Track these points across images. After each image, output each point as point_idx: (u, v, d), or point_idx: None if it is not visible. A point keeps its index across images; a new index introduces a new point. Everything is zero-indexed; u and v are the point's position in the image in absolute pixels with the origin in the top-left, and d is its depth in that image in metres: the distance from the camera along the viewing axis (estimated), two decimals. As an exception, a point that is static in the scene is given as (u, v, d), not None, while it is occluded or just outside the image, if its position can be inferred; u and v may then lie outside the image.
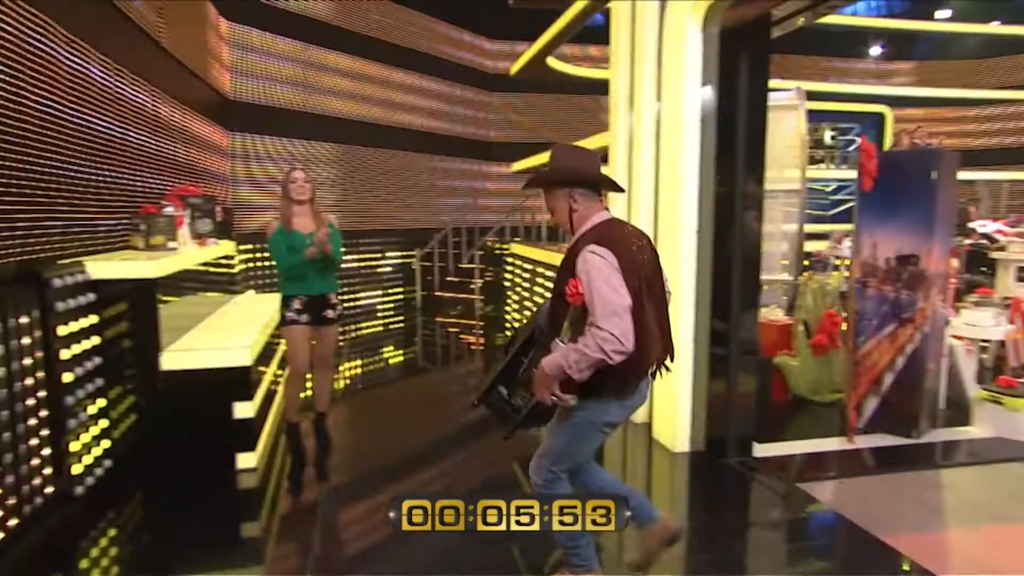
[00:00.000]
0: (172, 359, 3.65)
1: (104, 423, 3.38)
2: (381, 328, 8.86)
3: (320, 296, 4.08)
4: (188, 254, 4.22)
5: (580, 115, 12.46)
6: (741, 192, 3.75)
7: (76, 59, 3.68)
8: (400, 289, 10.33)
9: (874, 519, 3.07)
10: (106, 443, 3.39)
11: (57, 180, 3.41)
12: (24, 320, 2.70)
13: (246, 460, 3.74)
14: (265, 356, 4.55)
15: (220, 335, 4.18)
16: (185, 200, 4.73)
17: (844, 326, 4.80)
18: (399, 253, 10.34)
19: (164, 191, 5.04)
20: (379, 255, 10.02)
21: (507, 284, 8.77)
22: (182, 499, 3.40)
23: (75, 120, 3.64)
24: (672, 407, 4.01)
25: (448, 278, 10.34)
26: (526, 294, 7.73)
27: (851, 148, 9.97)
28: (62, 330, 2.98)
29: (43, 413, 2.85)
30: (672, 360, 2.35)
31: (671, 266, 4.00)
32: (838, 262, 7.41)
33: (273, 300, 5.16)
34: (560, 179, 2.27)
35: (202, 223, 4.80)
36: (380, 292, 9.99)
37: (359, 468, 4.07)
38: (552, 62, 8.82)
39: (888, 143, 10.54)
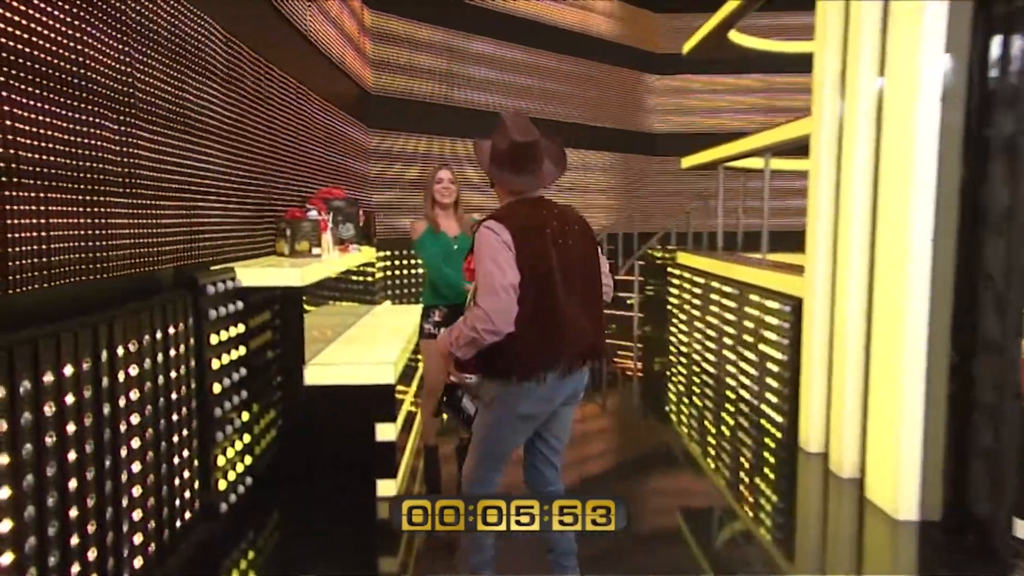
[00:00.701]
0: (315, 373, 3.93)
1: (247, 438, 3.70)
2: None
3: (463, 306, 4.18)
4: (331, 261, 4.53)
5: (776, 97, 11.94)
6: (1001, 190, 3.35)
7: (232, 59, 4.10)
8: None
9: None
10: (248, 459, 3.71)
11: (208, 181, 3.80)
12: (180, 327, 3.02)
13: (386, 487, 3.91)
14: (406, 375, 4.77)
15: (362, 349, 4.43)
16: (328, 203, 5.09)
17: None
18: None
19: (306, 193, 5.47)
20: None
21: (672, 300, 8.53)
22: (321, 524, 3.62)
23: (226, 120, 4.05)
24: (894, 461, 3.65)
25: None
26: (696, 313, 7.46)
27: None
28: (214, 339, 3.30)
29: (193, 424, 3.17)
30: (598, 361, 2.51)
31: (893, 282, 3.67)
32: None
33: (413, 312, 5.41)
34: (481, 160, 2.57)
35: (344, 228, 5.15)
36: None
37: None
38: (736, 36, 8.52)
39: None
